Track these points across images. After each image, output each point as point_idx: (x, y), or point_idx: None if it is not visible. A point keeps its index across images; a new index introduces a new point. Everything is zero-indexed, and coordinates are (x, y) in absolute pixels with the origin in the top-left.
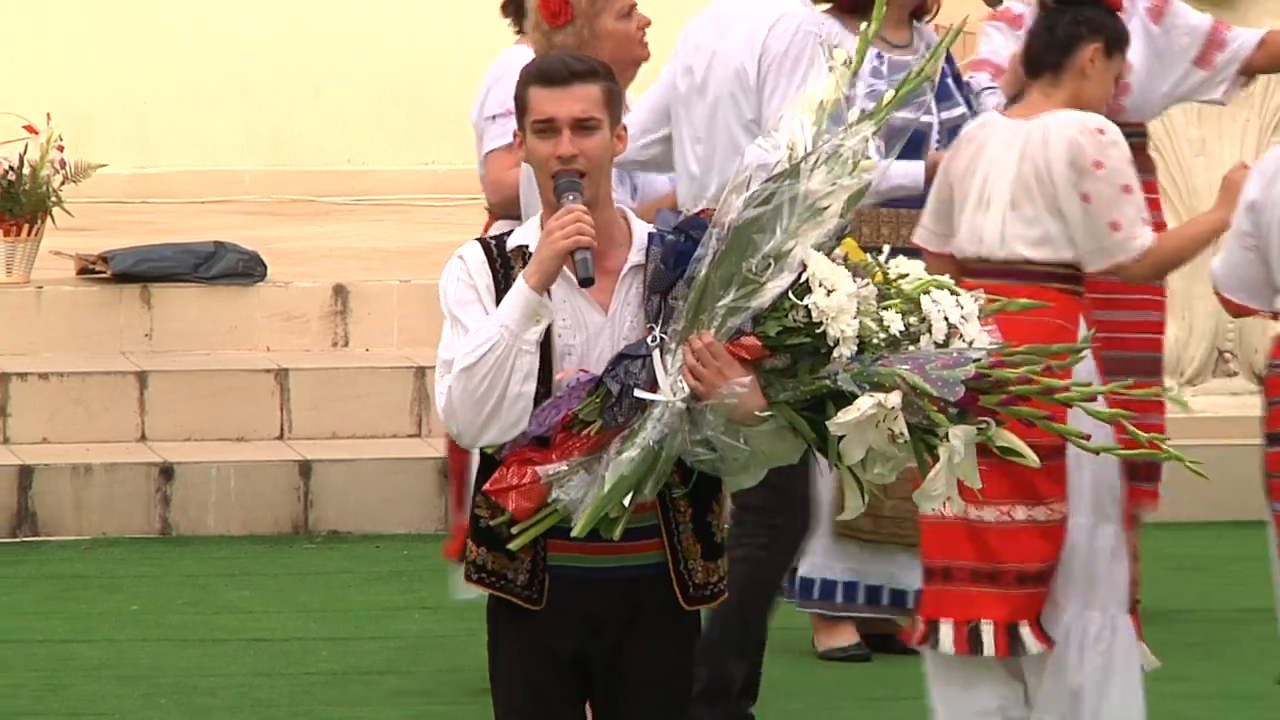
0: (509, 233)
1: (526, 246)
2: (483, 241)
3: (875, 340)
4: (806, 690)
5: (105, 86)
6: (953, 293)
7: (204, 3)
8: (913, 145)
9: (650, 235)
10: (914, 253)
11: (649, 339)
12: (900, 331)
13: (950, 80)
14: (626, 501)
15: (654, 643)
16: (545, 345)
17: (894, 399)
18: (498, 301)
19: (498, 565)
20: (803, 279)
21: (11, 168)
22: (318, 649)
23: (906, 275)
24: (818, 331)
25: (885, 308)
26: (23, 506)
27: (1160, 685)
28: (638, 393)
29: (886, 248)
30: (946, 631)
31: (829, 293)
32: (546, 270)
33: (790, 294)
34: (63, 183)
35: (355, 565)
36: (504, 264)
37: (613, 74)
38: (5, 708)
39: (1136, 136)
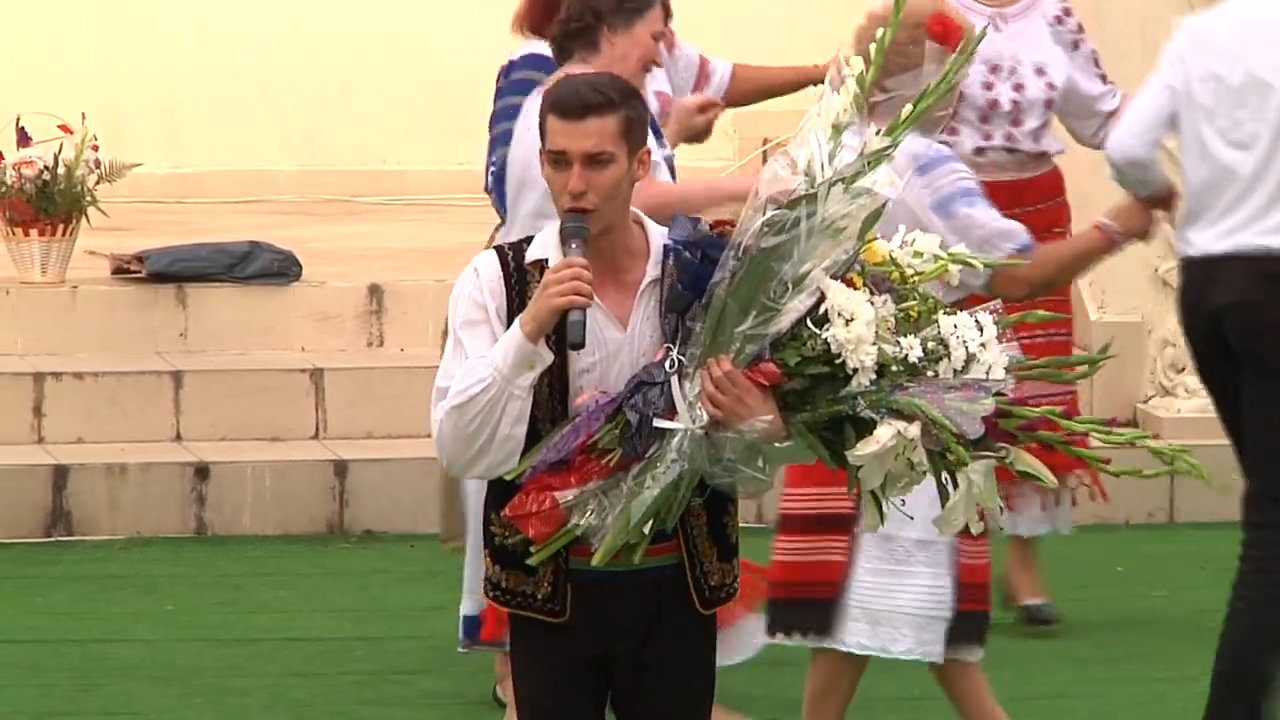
0: (528, 240)
1: (545, 260)
2: (499, 251)
3: (894, 368)
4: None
5: (139, 87)
6: (966, 264)
7: (237, 3)
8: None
9: (666, 248)
10: None
11: (666, 363)
12: (919, 359)
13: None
14: (646, 529)
15: (674, 642)
16: (563, 365)
17: (913, 430)
18: (508, 322)
19: (514, 583)
20: (821, 309)
21: (46, 167)
22: (352, 649)
23: (921, 256)
24: (836, 362)
25: (902, 313)
26: (57, 506)
27: (1186, 685)
28: (657, 422)
29: (901, 227)
30: None
31: (848, 323)
32: (541, 323)
33: (809, 323)
34: (97, 182)
35: (390, 565)
36: (520, 278)
37: (634, 97)
38: (40, 707)
39: None
